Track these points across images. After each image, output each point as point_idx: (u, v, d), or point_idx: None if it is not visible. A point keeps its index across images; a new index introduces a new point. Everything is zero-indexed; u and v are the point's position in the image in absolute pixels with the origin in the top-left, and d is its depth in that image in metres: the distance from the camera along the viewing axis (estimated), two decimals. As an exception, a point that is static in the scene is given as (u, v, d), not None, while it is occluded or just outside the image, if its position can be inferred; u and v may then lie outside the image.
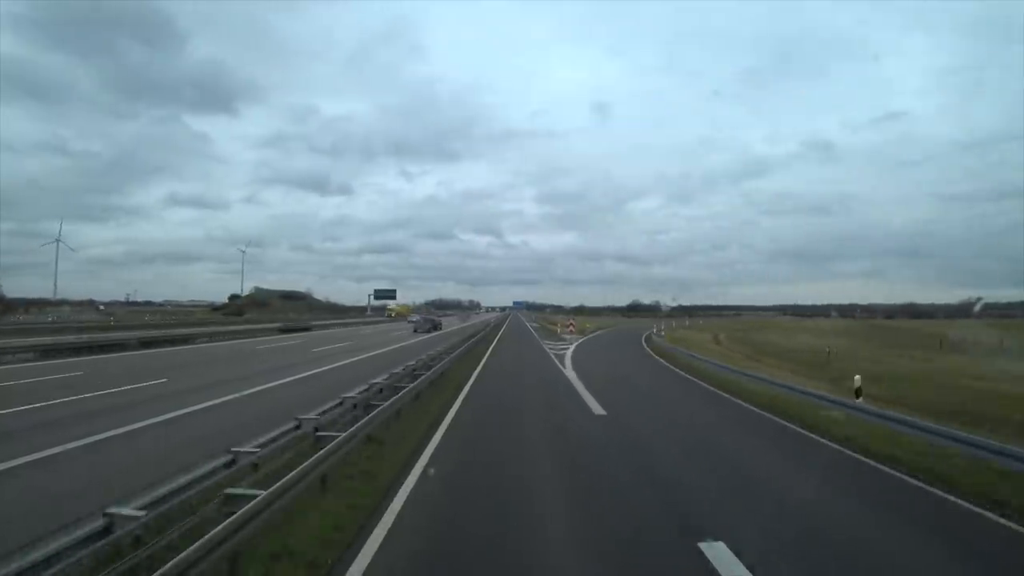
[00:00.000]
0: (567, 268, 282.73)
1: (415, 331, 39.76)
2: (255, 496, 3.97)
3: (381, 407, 8.13)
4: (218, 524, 3.44)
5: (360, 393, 9.36)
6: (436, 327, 43.64)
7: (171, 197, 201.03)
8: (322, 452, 5.41)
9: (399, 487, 5.87)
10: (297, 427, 6.79)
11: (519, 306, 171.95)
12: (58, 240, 67.08)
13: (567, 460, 7.48)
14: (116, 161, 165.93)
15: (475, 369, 17.41)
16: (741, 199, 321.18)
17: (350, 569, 3.99)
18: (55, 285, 66.11)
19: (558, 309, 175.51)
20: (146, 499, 4.02)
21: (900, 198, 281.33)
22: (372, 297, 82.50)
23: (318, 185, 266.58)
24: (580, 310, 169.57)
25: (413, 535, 4.69)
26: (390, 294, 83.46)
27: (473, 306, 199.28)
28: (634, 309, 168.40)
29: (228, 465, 5.18)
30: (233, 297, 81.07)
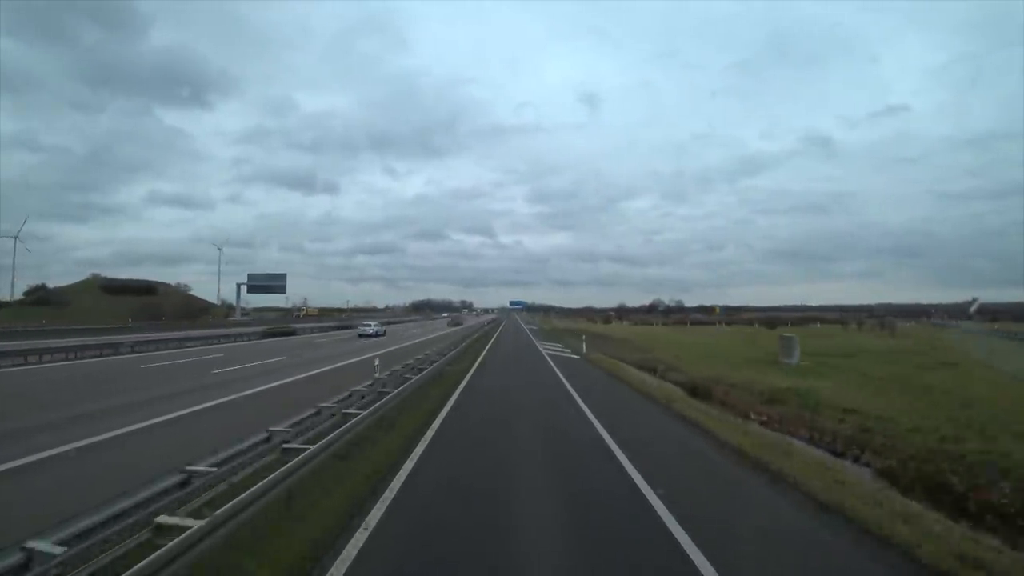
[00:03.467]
0: (562, 269, 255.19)
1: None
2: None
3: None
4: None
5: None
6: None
7: (152, 195, 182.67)
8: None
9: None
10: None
11: (517, 307, 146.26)
12: (15, 237, 56.77)
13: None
14: (92, 157, 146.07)
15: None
16: (737, 197, 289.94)
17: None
18: (12, 285, 57.28)
19: (559, 312, 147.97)
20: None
21: (898, 196, 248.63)
22: (244, 289, 54.27)
23: (303, 183, 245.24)
24: (618, 311, 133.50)
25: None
26: (276, 284, 55.02)
27: (465, 307, 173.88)
28: (651, 311, 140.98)
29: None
30: (32, 290, 54.96)
